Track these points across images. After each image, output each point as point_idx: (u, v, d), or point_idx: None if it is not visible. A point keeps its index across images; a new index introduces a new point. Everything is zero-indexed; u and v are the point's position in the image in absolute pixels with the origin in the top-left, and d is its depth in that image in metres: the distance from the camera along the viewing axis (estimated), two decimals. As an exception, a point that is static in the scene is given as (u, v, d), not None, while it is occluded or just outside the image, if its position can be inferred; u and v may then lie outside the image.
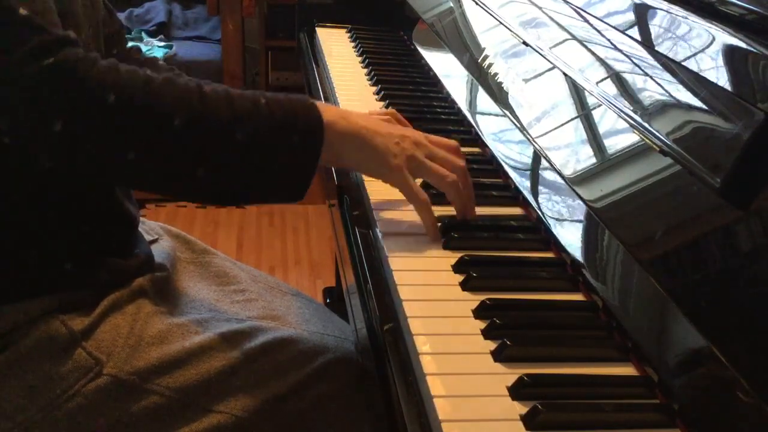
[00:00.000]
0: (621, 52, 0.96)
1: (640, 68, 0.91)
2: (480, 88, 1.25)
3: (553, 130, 1.01)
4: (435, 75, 1.45)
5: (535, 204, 0.95)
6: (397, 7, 1.78)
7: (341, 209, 1.01)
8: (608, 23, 1.01)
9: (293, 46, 1.96)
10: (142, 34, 3.34)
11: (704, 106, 0.78)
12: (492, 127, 1.17)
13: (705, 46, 0.82)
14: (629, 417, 0.66)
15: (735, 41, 0.79)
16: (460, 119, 1.28)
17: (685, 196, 0.75)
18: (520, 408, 0.66)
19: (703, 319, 0.65)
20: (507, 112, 1.12)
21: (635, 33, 0.95)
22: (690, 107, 0.80)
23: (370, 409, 0.97)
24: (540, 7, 1.21)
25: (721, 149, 0.72)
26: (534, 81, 1.12)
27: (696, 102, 0.79)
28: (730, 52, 0.79)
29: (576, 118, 0.99)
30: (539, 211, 0.93)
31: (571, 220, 0.89)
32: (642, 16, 0.97)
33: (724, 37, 0.80)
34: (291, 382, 0.96)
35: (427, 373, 0.69)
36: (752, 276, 0.65)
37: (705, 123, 0.77)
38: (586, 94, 0.98)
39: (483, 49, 1.31)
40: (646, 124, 0.83)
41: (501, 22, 1.30)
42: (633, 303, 0.76)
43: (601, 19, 1.03)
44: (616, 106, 0.90)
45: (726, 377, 0.61)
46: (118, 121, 0.81)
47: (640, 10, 0.98)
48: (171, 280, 1.05)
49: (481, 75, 1.26)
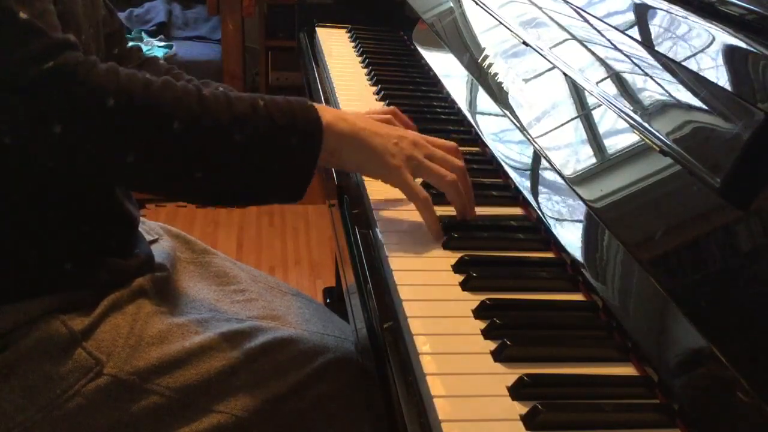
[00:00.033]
0: (621, 52, 0.96)
1: (640, 68, 0.91)
2: (480, 88, 1.25)
3: (553, 130, 1.01)
4: (435, 75, 1.45)
5: (535, 204, 0.95)
6: (397, 7, 1.78)
7: (341, 209, 1.01)
8: (608, 23, 1.01)
9: (293, 46, 1.96)
10: (142, 34, 3.33)
11: (704, 106, 0.78)
12: (492, 127, 1.17)
13: (705, 46, 0.82)
14: (629, 417, 0.66)
15: (735, 41, 0.79)
16: (460, 119, 1.28)
17: (685, 196, 0.75)
18: (520, 408, 0.66)
19: (703, 319, 0.65)
20: (507, 112, 1.12)
21: (635, 33, 0.95)
22: (690, 107, 0.80)
23: (370, 409, 0.97)
24: (540, 7, 1.21)
25: (721, 149, 0.72)
26: (534, 81, 1.12)
27: (696, 102, 0.79)
28: (730, 52, 0.79)
29: (576, 118, 0.99)
30: (539, 211, 0.93)
31: (571, 220, 0.89)
32: (642, 16, 0.97)
33: (724, 37, 0.80)
34: (291, 382, 0.96)
35: (427, 373, 0.69)
36: (752, 276, 0.65)
37: (705, 123, 0.77)
38: (586, 94, 0.98)
39: (483, 49, 1.31)
40: (646, 124, 0.83)
41: (501, 22, 1.30)
42: (633, 303, 0.76)
43: (601, 19, 1.03)
44: (616, 106, 0.90)
45: (726, 377, 0.61)
46: (118, 124, 0.82)
47: (640, 10, 0.98)
48: (171, 280, 1.05)
49: (481, 75, 1.26)
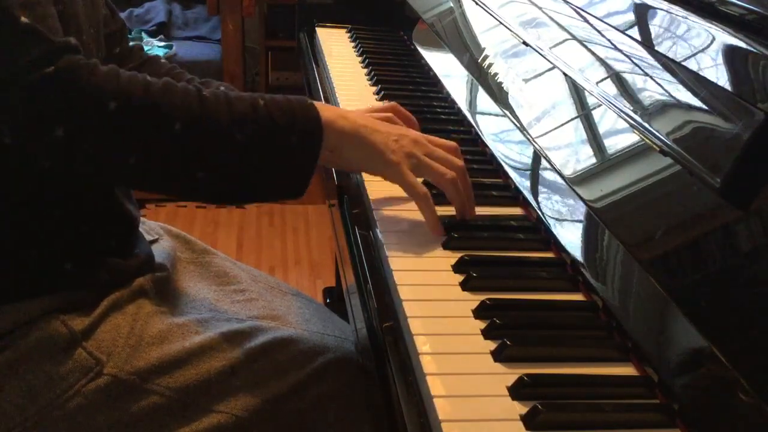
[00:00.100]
0: (621, 52, 0.96)
1: (640, 68, 0.91)
2: (480, 88, 1.25)
3: (553, 130, 1.01)
4: (435, 75, 1.45)
5: (535, 204, 0.95)
6: (397, 7, 1.78)
7: (341, 209, 1.01)
8: (608, 23, 1.01)
9: (293, 46, 1.96)
10: (142, 34, 3.33)
11: (704, 106, 0.78)
12: (492, 127, 1.17)
13: (705, 46, 0.82)
14: (629, 417, 0.66)
15: (735, 41, 0.79)
16: (460, 119, 1.28)
17: (685, 196, 0.75)
18: (520, 408, 0.66)
19: (703, 319, 0.65)
20: (507, 112, 1.12)
21: (635, 33, 0.95)
22: (690, 107, 0.80)
23: (370, 409, 0.97)
24: (540, 7, 1.21)
25: (721, 149, 0.72)
26: (534, 81, 1.12)
27: (696, 102, 0.79)
28: (730, 52, 0.79)
29: (576, 118, 0.99)
30: (539, 211, 0.93)
31: (571, 220, 0.89)
32: (642, 16, 0.97)
33: (724, 37, 0.80)
34: (291, 382, 0.97)
35: (427, 373, 0.69)
36: (752, 276, 0.65)
37: (705, 123, 0.77)
38: (586, 94, 0.98)
39: (483, 49, 1.31)
40: (646, 124, 0.83)
41: (501, 22, 1.30)
42: (633, 303, 0.76)
43: (601, 19, 1.03)
44: (616, 106, 0.90)
45: (726, 377, 0.61)
46: (119, 126, 0.82)
47: (640, 10, 0.98)
48: (171, 280, 1.05)
49: (481, 75, 1.26)
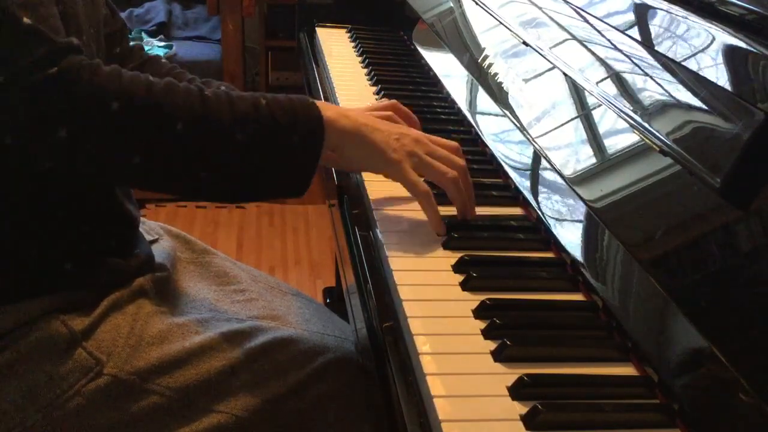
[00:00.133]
0: (621, 52, 0.96)
1: (640, 68, 0.91)
2: (480, 88, 1.25)
3: (553, 130, 1.01)
4: (435, 75, 1.45)
5: (535, 204, 0.95)
6: (397, 7, 1.78)
7: (341, 209, 1.01)
8: (608, 23, 1.01)
9: (293, 46, 1.96)
10: (142, 34, 3.33)
11: (704, 106, 0.78)
12: (492, 127, 1.17)
13: (705, 46, 0.82)
14: (629, 417, 0.66)
15: (735, 41, 0.79)
16: (460, 119, 1.28)
17: (685, 196, 0.75)
18: (520, 408, 0.66)
19: (703, 319, 0.65)
20: (507, 112, 1.12)
21: (635, 33, 0.95)
22: (690, 107, 0.80)
23: (370, 409, 0.97)
24: (540, 7, 1.21)
25: (721, 149, 0.72)
26: (534, 81, 1.12)
27: (696, 102, 0.79)
28: (730, 52, 0.79)
29: (576, 118, 0.99)
30: (539, 211, 0.93)
31: (571, 220, 0.89)
32: (642, 16, 0.97)
33: (724, 37, 0.80)
34: (291, 382, 0.97)
35: (427, 373, 0.69)
36: (752, 276, 0.65)
37: (705, 123, 0.77)
38: (586, 94, 0.98)
39: (483, 49, 1.31)
40: (646, 124, 0.83)
41: (501, 22, 1.30)
42: (633, 303, 0.76)
43: (601, 19, 1.03)
44: (616, 106, 0.90)
45: (726, 377, 0.61)
46: (122, 126, 0.82)
47: (640, 10, 0.98)
48: (171, 280, 1.05)
49: (481, 75, 1.26)
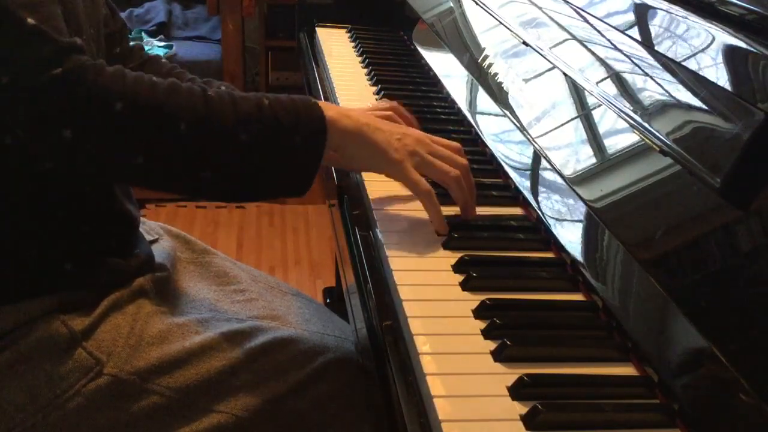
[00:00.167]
0: (621, 52, 0.96)
1: (640, 68, 0.91)
2: (480, 88, 1.25)
3: (553, 130, 1.01)
4: (435, 75, 1.45)
5: (535, 204, 0.95)
6: (397, 7, 1.78)
7: (341, 209, 1.01)
8: (608, 23, 1.01)
9: (293, 46, 1.96)
10: (142, 34, 3.33)
11: (704, 106, 0.78)
12: (492, 127, 1.17)
13: (705, 46, 0.82)
14: (629, 417, 0.66)
15: (735, 41, 0.79)
16: (460, 119, 1.28)
17: (685, 196, 0.75)
18: (520, 408, 0.66)
19: (703, 319, 0.65)
20: (507, 112, 1.12)
21: (635, 33, 0.95)
22: (690, 107, 0.80)
23: (370, 409, 0.97)
24: (540, 7, 1.21)
25: (721, 149, 0.72)
26: (534, 81, 1.12)
27: (696, 102, 0.79)
28: (730, 52, 0.79)
29: (576, 118, 0.99)
30: (539, 211, 0.93)
31: (571, 220, 0.89)
32: (642, 16, 0.97)
33: (724, 37, 0.80)
34: (291, 382, 0.97)
35: (427, 373, 0.69)
36: (752, 276, 0.65)
37: (705, 123, 0.77)
38: (586, 94, 0.98)
39: (483, 49, 1.31)
40: (646, 124, 0.83)
41: (501, 22, 1.30)
42: (633, 303, 0.76)
43: (601, 19, 1.03)
44: (616, 106, 0.90)
45: (726, 377, 0.61)
46: (126, 127, 0.82)
47: (640, 10, 0.98)
48: (171, 280, 1.05)
49: (481, 75, 1.26)
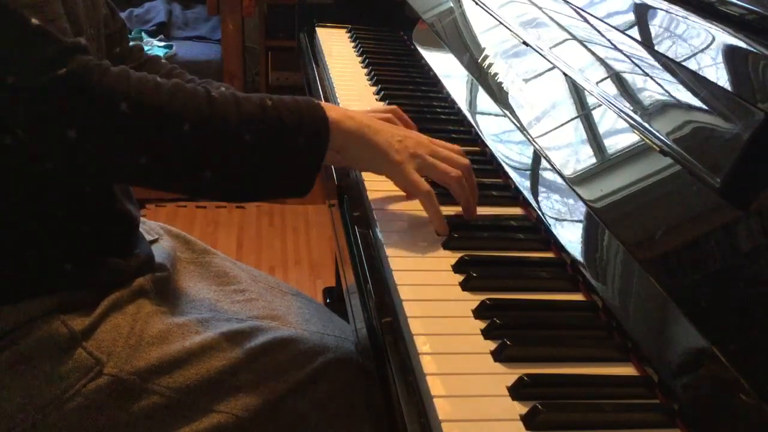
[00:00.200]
0: (621, 52, 0.96)
1: (640, 68, 0.91)
2: (480, 88, 1.25)
3: (553, 130, 1.01)
4: (435, 75, 1.45)
5: (535, 204, 0.95)
6: (397, 7, 1.78)
7: (341, 209, 1.01)
8: (608, 23, 1.01)
9: (293, 46, 1.96)
10: (142, 34, 3.33)
11: (704, 106, 0.78)
12: (492, 127, 1.17)
13: (705, 46, 0.82)
14: (629, 417, 0.66)
15: (735, 41, 0.79)
16: (460, 119, 1.28)
17: (685, 196, 0.75)
18: (520, 408, 0.66)
19: (703, 319, 0.65)
20: (507, 112, 1.12)
21: (635, 33, 0.95)
22: (690, 107, 0.80)
23: (370, 409, 0.97)
24: (540, 7, 1.21)
25: (721, 149, 0.72)
26: (534, 81, 1.12)
27: (696, 102, 0.79)
28: (730, 52, 0.79)
29: (576, 118, 0.99)
30: (539, 211, 0.93)
31: (571, 220, 0.89)
32: (642, 16, 0.97)
33: (724, 37, 0.80)
34: (291, 382, 0.97)
35: (427, 373, 0.69)
36: (752, 276, 0.65)
37: (705, 123, 0.77)
38: (586, 94, 0.98)
39: (483, 49, 1.31)
40: (646, 124, 0.83)
41: (501, 22, 1.30)
42: (633, 303, 0.76)
43: (601, 19, 1.03)
44: (616, 106, 0.90)
45: (726, 377, 0.61)
46: (130, 128, 0.82)
47: (640, 10, 0.98)
48: (171, 280, 1.05)
49: (481, 75, 1.26)
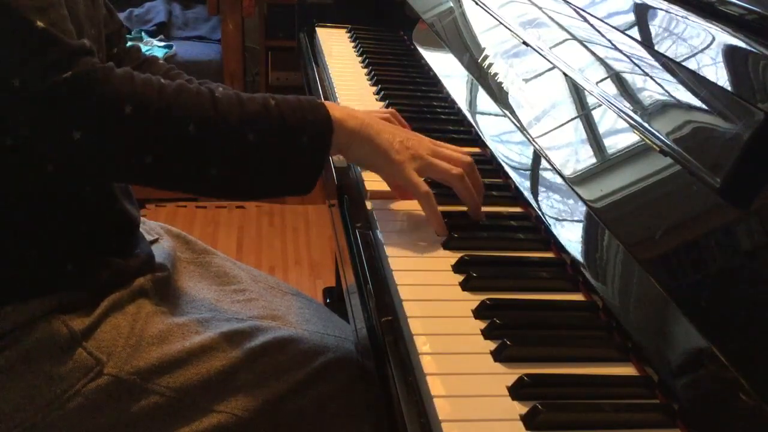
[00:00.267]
0: (621, 52, 0.96)
1: (640, 68, 0.91)
2: (480, 88, 1.25)
3: (553, 130, 1.01)
4: (435, 75, 1.45)
5: (535, 204, 0.95)
6: (397, 7, 1.78)
7: (341, 209, 1.01)
8: (608, 23, 1.01)
9: (293, 46, 1.96)
10: (142, 34, 3.33)
11: (704, 106, 0.78)
12: (492, 127, 1.17)
13: (705, 46, 0.82)
14: (629, 417, 0.66)
15: (735, 41, 0.79)
16: (460, 119, 1.28)
17: (685, 196, 0.75)
18: (520, 408, 0.66)
19: (703, 319, 0.65)
20: (507, 112, 1.12)
21: (635, 33, 0.95)
22: (690, 107, 0.80)
23: (370, 409, 0.97)
24: (540, 7, 1.21)
25: (721, 149, 0.72)
26: (534, 81, 1.12)
27: (696, 102, 0.79)
28: (730, 52, 0.79)
29: (576, 118, 0.99)
30: (539, 211, 0.93)
31: (571, 220, 0.89)
32: (642, 16, 0.97)
33: (724, 37, 0.80)
34: (291, 382, 0.97)
35: (427, 373, 0.69)
36: (752, 276, 0.65)
37: (705, 123, 0.77)
38: (586, 94, 0.98)
39: (483, 49, 1.31)
40: (646, 124, 0.83)
41: (501, 22, 1.30)
42: (633, 303, 0.76)
43: (601, 19, 1.03)
44: (616, 106, 0.90)
45: (726, 377, 0.61)
46: (135, 129, 0.83)
47: (640, 10, 0.98)
48: (171, 280, 1.05)
49: (481, 75, 1.26)
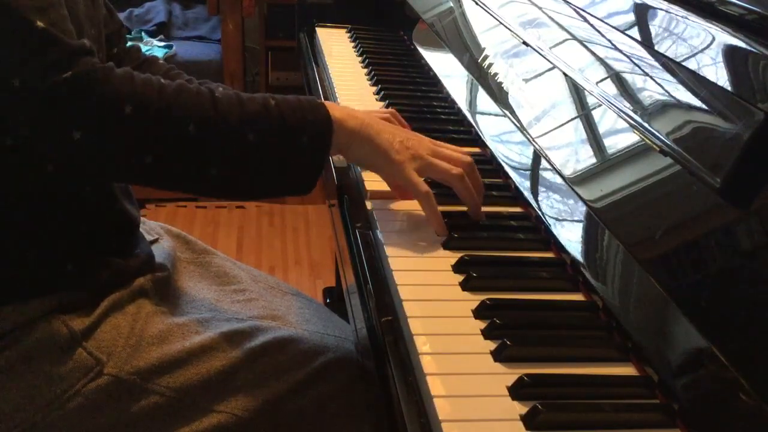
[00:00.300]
0: (621, 52, 0.96)
1: (640, 68, 0.91)
2: (480, 88, 1.25)
3: (553, 130, 1.01)
4: (435, 75, 1.45)
5: (535, 204, 0.95)
6: (397, 7, 1.78)
7: (341, 209, 1.01)
8: (608, 23, 1.01)
9: (293, 46, 1.96)
10: (142, 34, 3.33)
11: (704, 106, 0.78)
12: (492, 128, 1.17)
13: (705, 46, 0.82)
14: (629, 417, 0.66)
15: (735, 41, 0.79)
16: (460, 119, 1.28)
17: (685, 196, 0.75)
18: (520, 408, 0.66)
19: (703, 319, 0.65)
20: (507, 112, 1.12)
21: (635, 33, 0.95)
22: (690, 107, 0.80)
23: (370, 409, 0.97)
24: (540, 7, 1.21)
25: (721, 149, 0.72)
26: (534, 81, 1.12)
27: (696, 102, 0.79)
28: (730, 52, 0.79)
29: (576, 118, 0.99)
30: (539, 211, 0.93)
31: (571, 220, 0.89)
32: (642, 16, 0.97)
33: (724, 37, 0.80)
34: (291, 382, 0.97)
35: (427, 373, 0.69)
36: (752, 276, 0.65)
37: (705, 123, 0.77)
38: (586, 94, 0.98)
39: (483, 49, 1.31)
40: (646, 124, 0.83)
41: (501, 22, 1.30)
42: (633, 303, 0.76)
43: (601, 19, 1.03)
44: (616, 106, 0.90)
45: (726, 377, 0.61)
46: (136, 129, 0.83)
47: (640, 10, 0.98)
48: (171, 280, 1.05)
49: (481, 75, 1.26)
